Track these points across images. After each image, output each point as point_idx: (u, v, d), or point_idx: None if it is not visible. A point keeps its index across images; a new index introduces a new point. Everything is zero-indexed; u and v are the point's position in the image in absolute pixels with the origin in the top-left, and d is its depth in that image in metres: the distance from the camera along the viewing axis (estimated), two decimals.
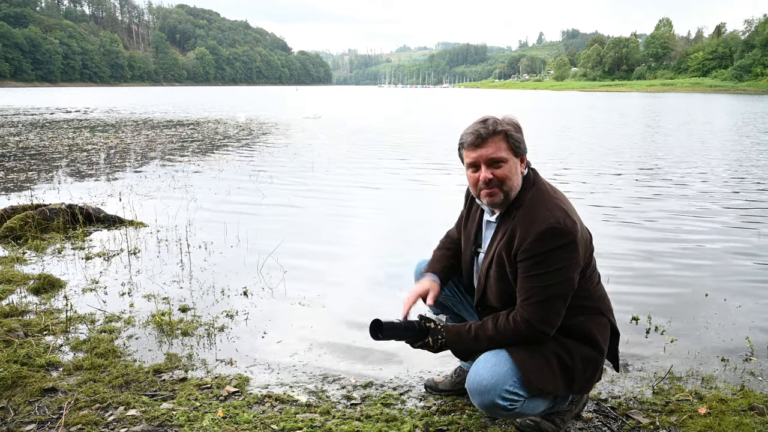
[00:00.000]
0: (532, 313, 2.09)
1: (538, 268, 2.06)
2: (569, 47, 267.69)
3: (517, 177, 2.18)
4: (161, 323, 3.52)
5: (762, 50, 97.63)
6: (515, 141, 2.16)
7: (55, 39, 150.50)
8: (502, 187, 2.15)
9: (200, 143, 15.00)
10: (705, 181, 9.37)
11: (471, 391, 2.13)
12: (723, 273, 4.75)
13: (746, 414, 2.59)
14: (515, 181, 2.17)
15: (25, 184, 8.64)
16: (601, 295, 2.31)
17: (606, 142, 16.07)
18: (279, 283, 4.38)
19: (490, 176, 2.14)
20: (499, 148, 2.14)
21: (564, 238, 2.04)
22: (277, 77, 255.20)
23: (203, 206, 7.07)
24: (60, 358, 3.08)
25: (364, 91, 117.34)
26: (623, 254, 5.22)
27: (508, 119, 2.19)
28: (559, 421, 2.38)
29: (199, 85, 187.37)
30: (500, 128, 2.14)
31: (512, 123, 2.18)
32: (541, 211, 2.09)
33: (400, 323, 2.20)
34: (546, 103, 49.01)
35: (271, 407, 2.65)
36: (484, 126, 2.15)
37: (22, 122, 21.90)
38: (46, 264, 4.74)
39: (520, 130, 2.20)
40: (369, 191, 8.46)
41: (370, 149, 14.08)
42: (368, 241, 5.93)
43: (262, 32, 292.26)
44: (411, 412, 2.61)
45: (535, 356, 2.13)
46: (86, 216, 5.89)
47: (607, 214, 6.92)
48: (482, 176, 2.16)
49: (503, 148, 2.14)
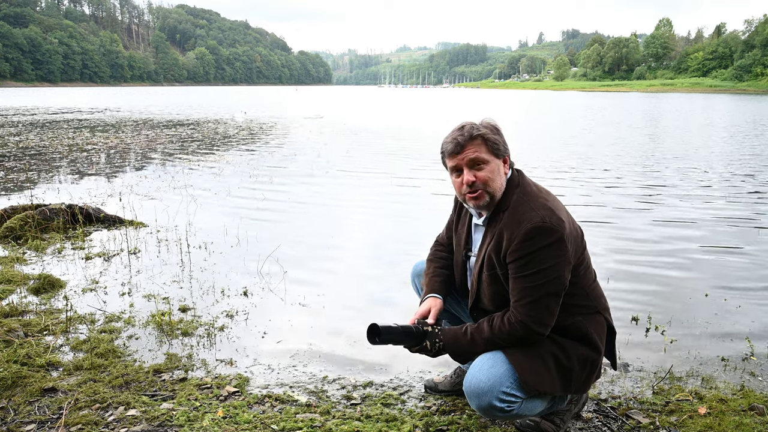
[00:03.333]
0: (525, 313, 2.09)
1: (527, 268, 2.07)
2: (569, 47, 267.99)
3: (501, 178, 2.20)
4: (161, 323, 3.52)
5: (762, 50, 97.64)
6: (493, 143, 2.18)
7: (55, 39, 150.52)
8: (486, 188, 2.18)
9: (200, 143, 15.00)
10: (705, 180, 9.37)
11: (468, 394, 2.13)
12: (723, 273, 4.75)
13: (746, 414, 2.59)
14: (499, 182, 2.19)
15: (25, 184, 8.64)
16: (597, 294, 2.31)
17: (606, 140, 16.08)
18: (279, 283, 4.38)
19: (473, 178, 2.17)
20: (478, 151, 2.17)
21: (551, 237, 2.05)
22: (277, 77, 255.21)
23: (203, 206, 7.07)
24: (60, 358, 3.08)
25: (364, 92, 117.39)
26: (623, 254, 5.22)
27: (485, 122, 2.22)
28: (558, 421, 2.39)
29: (199, 85, 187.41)
30: (476, 132, 2.17)
31: (489, 126, 2.21)
32: (527, 211, 2.11)
33: (398, 327, 2.20)
34: (545, 104, 49.01)
35: (271, 407, 2.65)
36: (461, 133, 2.18)
37: (22, 122, 21.90)
38: (46, 264, 4.74)
39: (498, 132, 2.22)
40: (369, 191, 8.46)
41: (370, 149, 14.08)
42: (368, 242, 5.93)
43: (262, 32, 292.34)
44: (411, 412, 2.62)
45: (531, 357, 2.13)
46: (86, 216, 5.89)
47: (608, 213, 6.92)
48: (465, 179, 2.18)
49: (483, 150, 2.17)
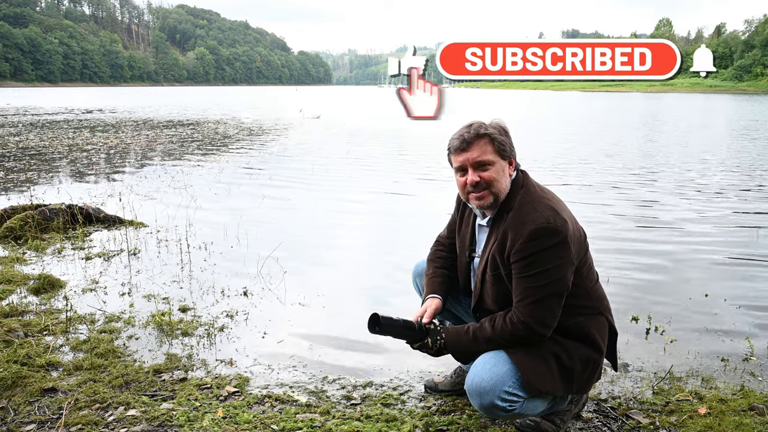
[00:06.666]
0: (527, 313, 2.10)
1: (530, 268, 2.08)
2: None
3: (505, 179, 2.21)
4: (161, 323, 3.52)
5: (762, 50, 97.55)
6: (500, 144, 2.19)
7: (55, 39, 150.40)
8: (490, 189, 2.18)
9: (200, 143, 15.01)
10: (705, 180, 9.37)
11: (470, 393, 2.13)
12: (723, 273, 4.75)
13: (746, 414, 2.59)
14: (503, 183, 2.20)
15: (25, 184, 8.64)
16: (600, 295, 2.31)
17: (606, 142, 16.07)
18: (279, 283, 4.38)
19: (477, 179, 2.18)
20: (484, 151, 2.17)
21: (554, 237, 2.06)
22: (277, 77, 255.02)
23: (203, 206, 7.07)
24: (60, 358, 3.08)
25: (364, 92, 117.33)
26: (623, 254, 5.22)
27: (494, 123, 2.23)
28: (558, 421, 2.39)
29: (199, 86, 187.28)
30: (483, 132, 2.18)
31: (498, 127, 2.22)
32: (531, 212, 2.12)
33: (399, 320, 2.22)
34: (545, 104, 48.98)
35: (271, 407, 2.65)
36: (468, 131, 2.19)
37: (22, 122, 21.90)
38: (46, 264, 4.74)
39: (505, 134, 2.23)
40: (369, 191, 8.46)
41: (371, 149, 14.08)
42: (368, 241, 5.93)
43: (262, 32, 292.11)
44: (411, 412, 2.62)
45: (533, 357, 2.13)
46: (86, 216, 5.89)
47: (608, 213, 6.92)
48: (469, 179, 2.19)
49: (489, 151, 2.17)
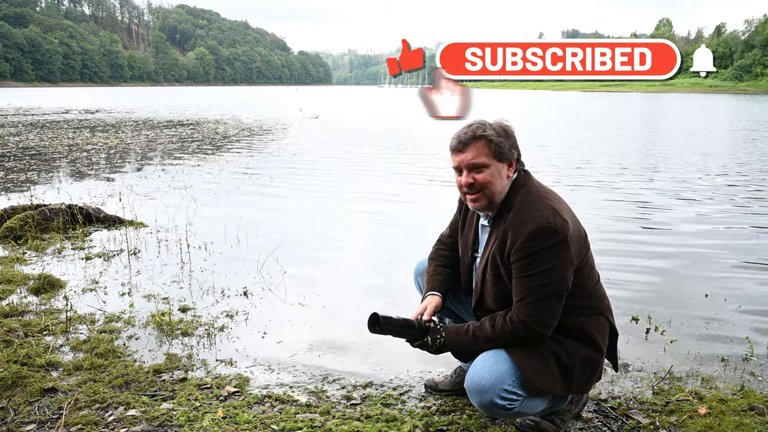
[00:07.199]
0: (527, 313, 2.10)
1: (530, 268, 2.08)
2: None
3: (501, 181, 2.19)
4: (161, 323, 3.52)
5: (762, 50, 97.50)
6: (497, 146, 2.16)
7: (55, 39, 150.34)
8: (484, 191, 2.18)
9: (200, 143, 15.01)
10: (705, 181, 9.37)
11: (470, 391, 2.13)
12: (723, 273, 4.74)
13: (746, 414, 2.59)
14: (498, 186, 2.18)
15: (25, 184, 8.64)
16: (600, 295, 2.31)
17: (605, 143, 16.07)
18: (279, 283, 4.38)
19: (471, 181, 2.17)
20: (479, 153, 2.16)
21: (555, 237, 2.06)
22: (277, 77, 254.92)
23: (203, 206, 7.07)
24: (60, 358, 3.08)
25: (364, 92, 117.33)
26: (623, 254, 5.22)
27: (497, 123, 2.21)
28: (558, 421, 2.39)
29: (199, 86, 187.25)
30: (480, 133, 2.16)
31: (498, 128, 2.19)
32: (531, 212, 2.11)
33: (399, 319, 2.22)
34: (545, 104, 48.97)
35: (271, 407, 2.65)
36: (465, 131, 2.18)
37: (22, 122, 21.90)
38: (46, 264, 4.74)
39: (506, 135, 2.19)
40: (369, 191, 8.46)
41: (370, 149, 14.08)
42: (368, 242, 5.93)
43: (262, 32, 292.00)
44: (411, 412, 2.62)
45: (533, 356, 2.14)
46: (86, 216, 5.89)
47: (608, 213, 6.92)
48: (463, 181, 2.20)
49: (484, 153, 2.16)
